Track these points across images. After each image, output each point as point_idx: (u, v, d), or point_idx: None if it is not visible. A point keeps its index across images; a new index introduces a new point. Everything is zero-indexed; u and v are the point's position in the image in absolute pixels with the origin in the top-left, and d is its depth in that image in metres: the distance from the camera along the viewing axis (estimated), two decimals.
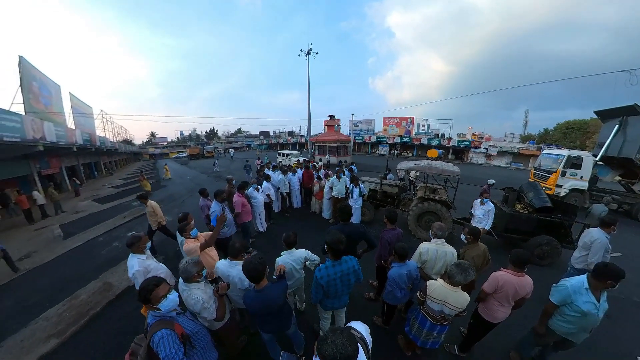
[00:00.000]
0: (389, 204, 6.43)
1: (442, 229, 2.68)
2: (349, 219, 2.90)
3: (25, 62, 14.34)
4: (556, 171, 9.75)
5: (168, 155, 52.26)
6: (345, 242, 2.11)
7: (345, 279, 2.17)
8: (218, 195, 3.96)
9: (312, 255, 2.78)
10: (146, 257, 2.79)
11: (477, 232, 2.77)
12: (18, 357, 2.92)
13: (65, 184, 15.79)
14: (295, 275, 2.68)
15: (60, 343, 3.10)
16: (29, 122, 9.21)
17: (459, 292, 2.09)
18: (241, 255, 2.48)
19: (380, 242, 3.07)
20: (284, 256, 2.64)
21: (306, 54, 20.25)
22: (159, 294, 1.63)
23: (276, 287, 2.06)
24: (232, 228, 4.15)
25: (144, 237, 2.77)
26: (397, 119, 38.64)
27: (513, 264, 2.23)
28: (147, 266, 2.76)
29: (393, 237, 2.96)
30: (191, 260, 2.08)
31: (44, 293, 4.10)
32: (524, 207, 5.17)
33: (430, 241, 2.75)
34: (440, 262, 2.61)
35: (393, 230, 3.03)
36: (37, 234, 7.60)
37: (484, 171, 21.09)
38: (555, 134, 38.34)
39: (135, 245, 2.69)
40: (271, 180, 6.40)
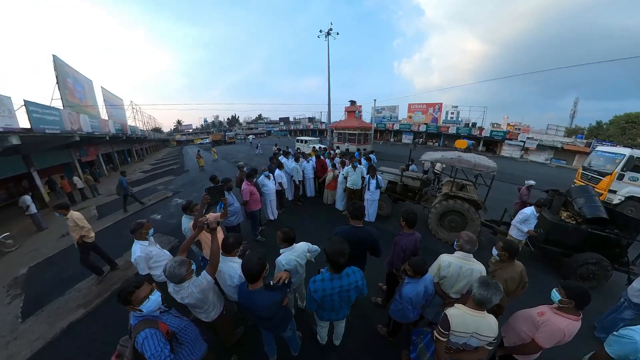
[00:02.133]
0: (410, 198, 5.91)
1: (472, 242, 2.15)
2: (362, 220, 2.48)
3: (59, 61, 15.48)
4: (611, 173, 8.35)
5: (193, 141, 54.71)
6: (348, 254, 1.77)
7: (345, 295, 1.86)
8: (225, 183, 3.79)
9: (312, 246, 2.60)
10: (149, 244, 2.83)
11: (515, 248, 2.25)
12: (54, 321, 3.35)
13: (103, 169, 17.23)
14: (299, 271, 2.50)
15: (86, 313, 3.48)
16: (67, 115, 10.26)
17: (487, 317, 1.69)
18: (235, 250, 2.29)
19: (393, 248, 2.64)
20: (286, 254, 2.38)
21: (326, 34, 19.12)
22: (140, 295, 1.57)
23: (268, 296, 1.82)
24: (239, 216, 4.01)
25: (146, 223, 2.80)
26: (423, 105, 36.07)
27: (577, 305, 1.67)
28: (149, 252, 2.79)
29: (409, 243, 2.53)
30: (175, 262, 1.89)
31: (78, 267, 4.46)
32: (571, 215, 4.40)
33: (453, 253, 2.29)
34: (464, 280, 2.16)
35: (410, 234, 2.58)
36: None
37: (519, 167, 19.20)
38: (610, 128, 33.44)
39: (138, 232, 2.74)
40: (284, 167, 6.15)
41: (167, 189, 10.97)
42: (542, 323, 1.74)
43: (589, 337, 2.95)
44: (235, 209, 3.87)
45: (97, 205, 9.42)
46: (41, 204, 9.98)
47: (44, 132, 8.42)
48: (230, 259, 2.24)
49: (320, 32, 19.33)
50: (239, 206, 3.99)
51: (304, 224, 5.80)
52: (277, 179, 5.56)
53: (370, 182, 5.24)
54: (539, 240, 4.39)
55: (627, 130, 30.91)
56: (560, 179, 14.00)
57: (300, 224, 5.83)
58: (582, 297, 1.64)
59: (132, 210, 8.35)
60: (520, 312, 1.95)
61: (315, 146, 15.77)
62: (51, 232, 7.03)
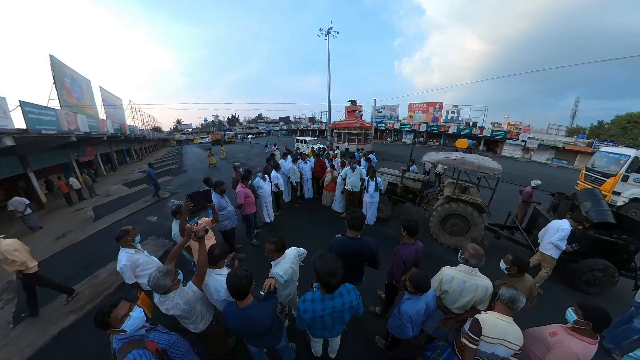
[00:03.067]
0: (410, 200, 5.75)
1: (478, 256, 1.96)
2: (360, 230, 2.26)
3: (56, 60, 15.39)
4: (616, 175, 8.19)
5: (193, 141, 54.58)
6: (342, 274, 1.59)
7: (338, 315, 1.70)
8: (217, 187, 3.61)
9: (300, 250, 2.48)
10: (135, 251, 2.69)
11: (526, 263, 2.08)
12: (45, 327, 3.26)
13: (101, 170, 17.14)
14: (294, 278, 2.37)
15: (77, 319, 3.37)
16: (64, 116, 10.16)
17: (514, 324, 1.63)
18: (221, 262, 2.14)
19: (393, 258, 2.46)
20: (281, 263, 2.22)
21: (326, 33, 18.93)
22: (119, 314, 1.45)
23: (264, 307, 1.70)
24: (233, 220, 3.84)
25: (132, 230, 2.66)
26: (424, 105, 35.86)
27: (594, 328, 1.52)
28: (135, 260, 2.65)
29: (410, 254, 2.34)
30: (159, 273, 1.77)
31: (72, 270, 4.47)
32: (578, 220, 4.25)
33: (457, 266, 2.12)
34: (467, 296, 1.98)
35: (411, 245, 2.39)
36: (74, 215, 8.52)
37: (520, 167, 19.03)
38: (612, 128, 33.24)
39: (123, 239, 2.60)
40: (281, 168, 5.99)
41: (164, 190, 10.83)
42: (554, 344, 1.59)
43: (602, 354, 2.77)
44: (229, 213, 3.71)
45: (94, 206, 9.33)
46: (38, 205, 9.94)
47: (40, 133, 8.36)
48: (216, 272, 2.10)
49: (320, 31, 19.15)
50: (233, 210, 3.84)
51: (300, 227, 5.66)
52: (273, 180, 5.40)
53: (370, 184, 5.08)
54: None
55: (628, 130, 30.69)
56: (562, 179, 13.82)
57: (297, 226, 5.69)
58: (601, 319, 1.49)
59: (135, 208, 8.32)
60: (530, 331, 1.80)
61: (314, 146, 15.59)
62: (47, 233, 6.96)
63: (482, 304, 1.97)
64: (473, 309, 2.00)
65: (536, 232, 4.73)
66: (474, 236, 4.51)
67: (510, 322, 1.62)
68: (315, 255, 4.33)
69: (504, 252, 4.85)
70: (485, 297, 1.94)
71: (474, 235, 4.50)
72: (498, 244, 5.00)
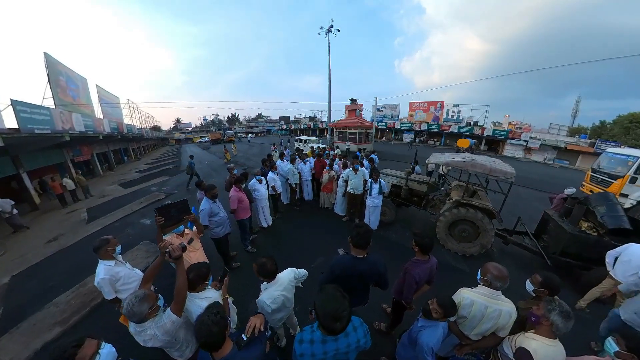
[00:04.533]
0: (415, 203, 5.49)
1: (503, 278, 1.68)
2: (366, 249, 1.91)
3: (51, 58, 15.10)
4: (624, 176, 7.99)
5: (192, 140, 54.55)
6: (348, 316, 1.26)
7: (342, 357, 1.39)
8: (208, 191, 3.35)
9: (298, 271, 2.20)
10: (115, 264, 2.42)
11: (557, 284, 1.83)
12: (28, 340, 3.06)
13: (97, 169, 16.89)
14: (287, 305, 2.07)
15: (62, 331, 3.18)
16: (58, 115, 9.98)
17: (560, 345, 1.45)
18: (200, 286, 1.86)
19: (405, 277, 2.18)
20: (270, 290, 1.96)
21: (326, 31, 18.68)
22: (86, 355, 1.28)
23: (247, 356, 1.40)
24: (225, 227, 3.58)
25: (112, 240, 2.38)
26: (424, 104, 35.62)
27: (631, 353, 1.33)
28: (115, 274, 2.38)
29: (424, 273, 2.08)
30: (135, 298, 1.51)
31: (62, 277, 4.30)
32: (593, 226, 4.02)
33: (476, 287, 1.85)
34: (488, 323, 1.72)
35: (424, 262, 2.11)
36: (68, 217, 8.33)
37: (522, 167, 18.79)
38: (614, 128, 33.02)
39: (102, 250, 2.32)
40: (278, 170, 5.73)
41: (160, 191, 10.59)
42: None
43: None
44: (221, 219, 3.45)
45: (88, 207, 9.11)
46: (32, 207, 9.71)
47: (33, 133, 8.16)
48: (197, 296, 1.83)
49: (321, 29, 18.89)
50: (226, 215, 3.57)
51: (299, 232, 5.41)
52: (270, 182, 5.15)
53: (373, 187, 4.83)
54: (554, 252, 4.04)
55: (631, 130, 30.46)
56: (566, 180, 13.58)
57: (296, 231, 5.44)
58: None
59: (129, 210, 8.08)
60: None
61: (314, 146, 15.33)
62: (39, 236, 6.78)
63: (503, 331, 1.73)
64: (493, 335, 1.76)
65: (546, 238, 4.52)
66: (483, 243, 4.27)
67: (557, 345, 1.42)
68: (315, 264, 4.13)
69: (513, 258, 4.70)
70: (508, 324, 1.69)
71: (483, 242, 4.27)
72: (506, 249, 4.77)
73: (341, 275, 1.78)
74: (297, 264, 4.10)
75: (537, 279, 1.86)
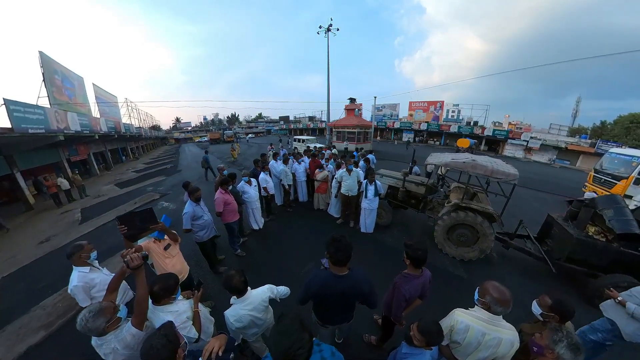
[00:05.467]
0: (413, 206, 5.27)
1: (505, 302, 1.44)
2: (346, 265, 1.64)
3: (46, 57, 14.95)
4: (628, 177, 7.79)
5: (192, 139, 54.62)
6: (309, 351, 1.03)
7: None
8: (192, 194, 3.15)
9: (279, 289, 1.97)
10: (90, 270, 2.27)
11: (571, 310, 1.57)
12: (13, 344, 3.00)
13: (94, 169, 16.72)
14: (257, 323, 1.83)
15: (47, 335, 3.10)
16: (53, 114, 9.82)
17: None
18: (165, 299, 1.67)
19: (394, 293, 1.93)
20: (235, 307, 1.75)
21: (326, 30, 18.46)
22: None
23: None
24: (210, 230, 3.38)
25: (86, 245, 2.24)
26: (424, 103, 35.41)
27: None
28: (89, 281, 2.24)
29: (414, 289, 1.83)
30: (89, 313, 1.37)
31: (51, 279, 4.25)
32: (600, 231, 3.81)
33: (473, 308, 1.61)
34: (486, 351, 1.47)
35: (416, 277, 1.85)
36: (62, 217, 8.21)
37: (522, 167, 18.58)
38: (615, 129, 32.83)
39: (76, 256, 2.19)
40: (271, 170, 5.52)
41: (155, 191, 10.40)
42: None
43: None
44: (205, 223, 3.24)
45: (82, 207, 8.99)
46: (26, 207, 9.55)
47: (27, 132, 8.06)
48: (160, 309, 1.65)
49: (320, 28, 18.68)
50: (210, 219, 3.36)
51: (292, 234, 5.21)
52: (262, 183, 4.94)
53: (369, 189, 4.62)
54: (559, 258, 3.83)
55: (632, 131, 30.30)
56: (567, 181, 13.39)
57: (288, 233, 5.24)
58: None
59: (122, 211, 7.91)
60: None
61: (311, 145, 15.13)
62: (31, 237, 6.65)
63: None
64: None
65: (550, 242, 4.31)
66: (483, 248, 4.06)
67: None
68: (305, 269, 3.92)
69: (513, 264, 4.48)
70: (509, 354, 1.45)
71: (483, 247, 4.06)
72: (506, 254, 4.56)
73: (319, 293, 1.58)
74: (286, 270, 3.99)
75: (547, 302, 1.60)
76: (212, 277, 3.84)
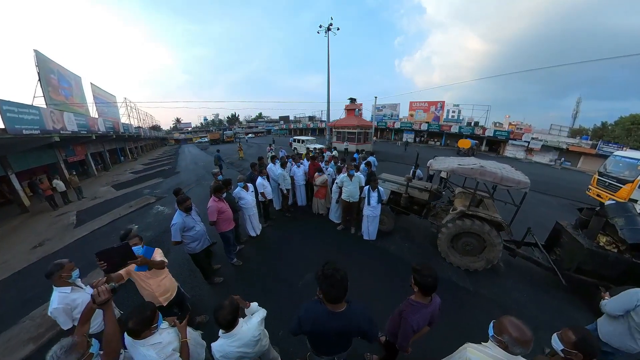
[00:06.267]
0: (416, 212, 5.10)
1: (525, 342, 1.25)
2: (342, 301, 1.44)
3: (42, 56, 14.76)
4: (633, 181, 7.65)
5: (191, 140, 54.54)
6: None
7: None
8: (181, 203, 2.94)
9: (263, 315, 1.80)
10: (71, 290, 2.10)
11: (595, 350, 1.40)
12: (2, 357, 2.91)
13: (92, 170, 16.54)
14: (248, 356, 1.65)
15: (35, 349, 2.98)
16: (48, 114, 9.65)
17: None
18: (145, 333, 1.49)
19: (399, 320, 1.75)
20: (221, 342, 1.57)
21: (326, 30, 18.27)
22: None
23: None
24: (203, 242, 3.21)
25: (67, 264, 2.07)
26: (425, 104, 35.24)
27: None
28: (71, 302, 2.07)
29: (423, 319, 1.67)
30: (60, 349, 1.21)
31: (42, 286, 4.05)
32: (612, 241, 3.65)
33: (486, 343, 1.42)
34: None
35: (425, 306, 1.68)
36: (57, 220, 8.05)
37: (525, 168, 18.43)
38: (616, 130, 32.69)
39: (56, 276, 2.02)
40: (269, 174, 5.33)
41: (152, 194, 10.23)
42: None
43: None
44: (197, 234, 3.06)
45: (78, 210, 8.86)
46: (22, 209, 9.38)
47: (21, 133, 7.92)
48: (141, 343, 1.47)
49: (320, 28, 18.49)
50: (203, 229, 3.19)
51: (290, 241, 5.04)
52: (259, 188, 4.76)
53: (371, 196, 4.43)
54: (569, 268, 3.68)
55: (632, 132, 30.16)
56: (569, 182, 13.23)
57: (286, 241, 5.06)
58: None
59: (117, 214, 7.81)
60: None
61: (310, 147, 14.91)
62: (25, 241, 6.51)
63: None
64: None
65: (558, 251, 4.15)
66: (490, 258, 3.89)
67: None
68: (303, 281, 3.75)
69: (520, 272, 4.30)
70: None
71: (490, 257, 3.89)
72: (513, 262, 4.40)
73: (312, 331, 1.42)
74: (284, 281, 3.78)
75: (570, 338, 1.43)
76: (207, 288, 3.68)
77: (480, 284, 3.83)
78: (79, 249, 5.66)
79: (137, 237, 2.34)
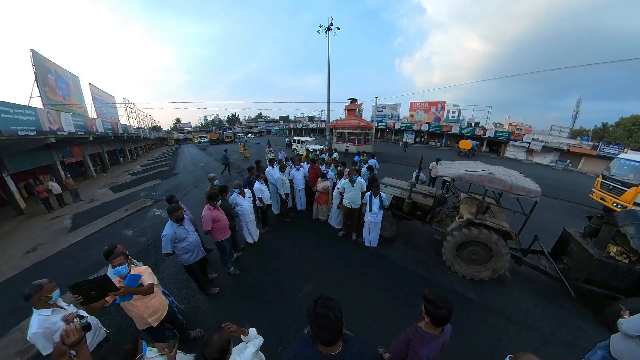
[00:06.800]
0: (419, 218, 4.95)
1: None
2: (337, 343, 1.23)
3: (39, 55, 14.58)
4: (638, 185, 7.52)
5: (191, 140, 54.55)
6: None
7: None
8: (171, 213, 2.77)
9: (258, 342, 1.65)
10: (52, 312, 1.92)
11: None
12: None
13: (90, 171, 16.37)
14: None
15: None
16: (45, 115, 9.54)
17: None
18: None
19: (407, 350, 1.61)
20: None
21: (326, 30, 18.10)
22: None
23: None
24: (196, 253, 3.05)
25: (46, 285, 1.89)
26: (425, 104, 35.11)
27: None
28: (51, 325, 1.89)
29: (433, 351, 1.54)
30: None
31: None
32: (622, 250, 3.51)
33: None
34: None
35: (435, 337, 1.55)
36: (51, 223, 7.88)
37: (526, 169, 18.34)
38: (616, 131, 32.57)
39: (34, 298, 1.85)
40: (268, 178, 5.19)
41: (149, 196, 10.07)
42: None
43: None
44: (190, 245, 2.91)
45: (74, 213, 8.70)
46: (17, 211, 9.23)
47: (16, 134, 7.80)
48: None
49: (320, 27, 18.32)
50: (196, 240, 3.04)
51: (289, 248, 4.89)
52: (257, 193, 4.61)
53: (373, 202, 4.28)
54: (577, 279, 3.55)
55: (633, 133, 30.06)
56: (571, 184, 13.11)
57: (285, 248, 4.90)
58: None
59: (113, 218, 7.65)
60: None
61: (310, 148, 14.50)
62: (19, 245, 6.36)
63: None
64: None
65: (566, 260, 4.02)
66: (496, 268, 3.76)
67: None
68: (303, 292, 3.59)
69: (526, 281, 4.14)
70: None
71: (496, 267, 3.75)
72: (519, 271, 4.27)
73: None
74: (282, 292, 3.59)
75: None
76: (203, 299, 3.53)
77: (486, 294, 3.69)
78: (71, 256, 5.50)
79: (122, 256, 2.14)
